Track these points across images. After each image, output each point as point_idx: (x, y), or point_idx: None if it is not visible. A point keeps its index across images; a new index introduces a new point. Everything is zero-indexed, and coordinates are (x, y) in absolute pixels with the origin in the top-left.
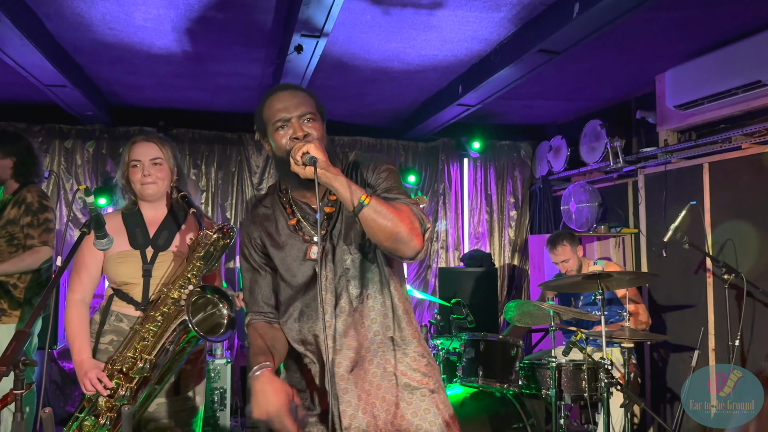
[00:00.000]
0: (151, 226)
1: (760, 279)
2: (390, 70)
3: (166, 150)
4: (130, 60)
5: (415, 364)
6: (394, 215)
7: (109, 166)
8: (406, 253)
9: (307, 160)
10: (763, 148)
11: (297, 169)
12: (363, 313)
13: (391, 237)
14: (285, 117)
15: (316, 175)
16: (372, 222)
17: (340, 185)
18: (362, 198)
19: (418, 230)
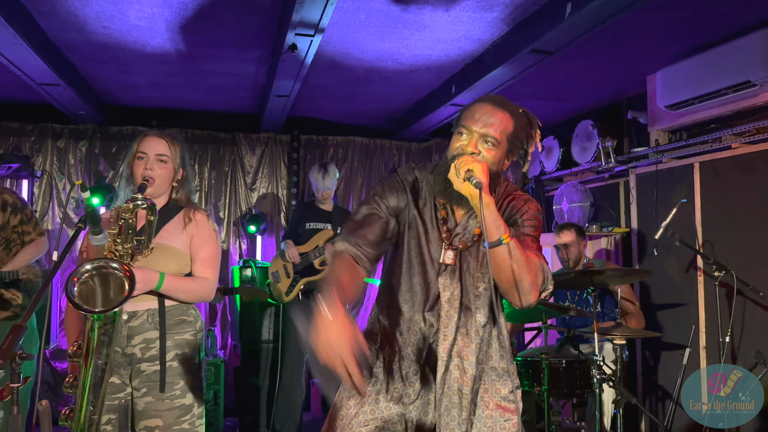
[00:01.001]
0: (140, 221)
1: (750, 277)
2: (383, 69)
3: (174, 149)
4: (123, 59)
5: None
6: (525, 264)
7: (102, 166)
8: (517, 303)
9: (468, 177)
10: (752, 147)
11: (453, 178)
12: (484, 339)
13: (513, 283)
14: (471, 128)
15: (480, 200)
16: (502, 262)
17: (488, 215)
18: (504, 236)
19: (539, 286)
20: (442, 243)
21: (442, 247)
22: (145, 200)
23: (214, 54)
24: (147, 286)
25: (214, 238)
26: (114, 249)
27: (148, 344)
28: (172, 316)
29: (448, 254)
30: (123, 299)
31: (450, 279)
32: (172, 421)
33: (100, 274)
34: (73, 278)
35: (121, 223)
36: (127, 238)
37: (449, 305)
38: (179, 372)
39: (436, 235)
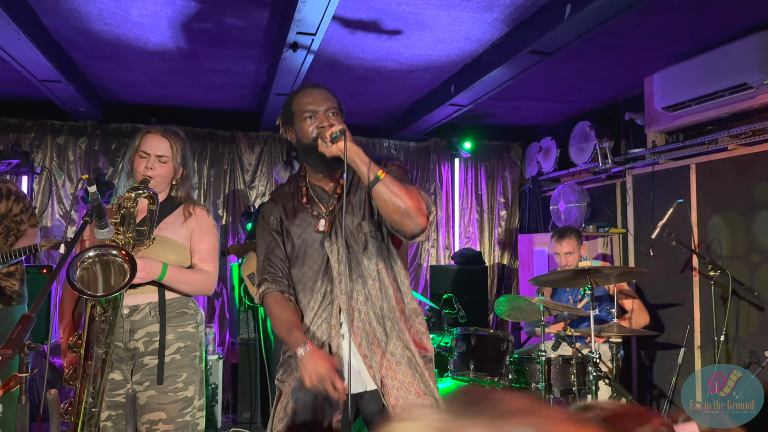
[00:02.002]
0: (140, 215)
1: (745, 277)
2: (383, 69)
3: (176, 148)
4: (124, 56)
5: (421, 335)
6: (404, 192)
7: (101, 163)
8: (411, 229)
9: (336, 133)
10: (748, 149)
11: (323, 149)
12: (377, 285)
13: (399, 211)
14: (313, 109)
15: (345, 143)
16: (385, 195)
17: (361, 160)
18: (379, 173)
19: (424, 210)
20: (314, 218)
21: (314, 222)
22: (146, 189)
23: (214, 52)
24: (150, 275)
25: (213, 232)
26: (116, 238)
27: (151, 338)
28: (173, 308)
29: (321, 223)
30: (124, 284)
31: (334, 242)
32: (175, 414)
33: (101, 261)
34: (76, 263)
35: (122, 212)
36: (128, 228)
37: (338, 263)
38: (182, 364)
39: (308, 218)
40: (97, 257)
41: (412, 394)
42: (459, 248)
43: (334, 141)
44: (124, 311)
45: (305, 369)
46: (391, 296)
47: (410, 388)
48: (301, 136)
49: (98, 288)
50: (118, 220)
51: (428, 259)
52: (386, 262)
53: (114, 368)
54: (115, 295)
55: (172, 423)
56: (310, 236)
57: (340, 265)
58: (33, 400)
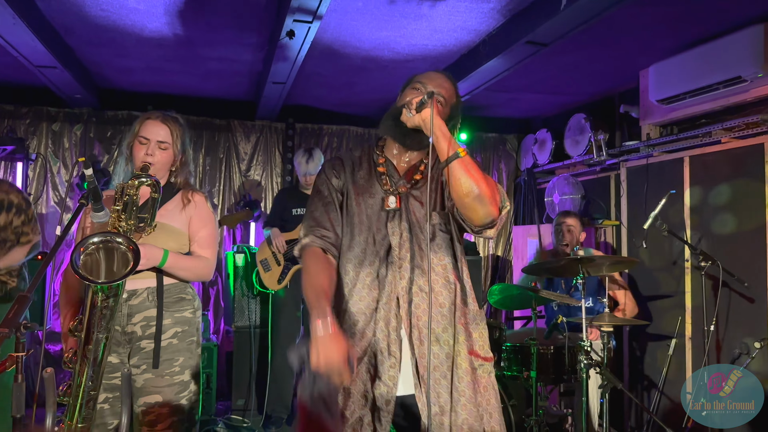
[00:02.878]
0: (141, 200)
1: (736, 268)
2: (380, 58)
3: (176, 134)
4: (121, 42)
5: (482, 341)
6: (482, 177)
7: (97, 150)
8: (481, 217)
9: (423, 99)
10: (741, 142)
11: (405, 118)
12: (440, 282)
13: (472, 194)
14: (425, 83)
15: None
16: (461, 175)
17: (442, 133)
18: (459, 150)
19: (497, 201)
20: (384, 192)
21: (383, 197)
22: (149, 177)
23: (211, 39)
24: (151, 261)
25: (212, 219)
26: (118, 225)
27: (149, 322)
28: (171, 294)
29: (391, 199)
30: (127, 272)
31: (398, 223)
32: (171, 397)
33: (105, 247)
34: (79, 248)
35: (125, 199)
36: (130, 215)
37: (400, 247)
38: (178, 349)
39: (377, 189)
40: (102, 243)
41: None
42: None
43: (419, 109)
44: (123, 295)
45: (316, 349)
46: (456, 295)
47: (458, 399)
48: (398, 100)
49: (100, 274)
50: (121, 207)
51: None
52: (452, 258)
53: (111, 351)
54: (118, 282)
55: (168, 406)
56: (375, 209)
57: (401, 249)
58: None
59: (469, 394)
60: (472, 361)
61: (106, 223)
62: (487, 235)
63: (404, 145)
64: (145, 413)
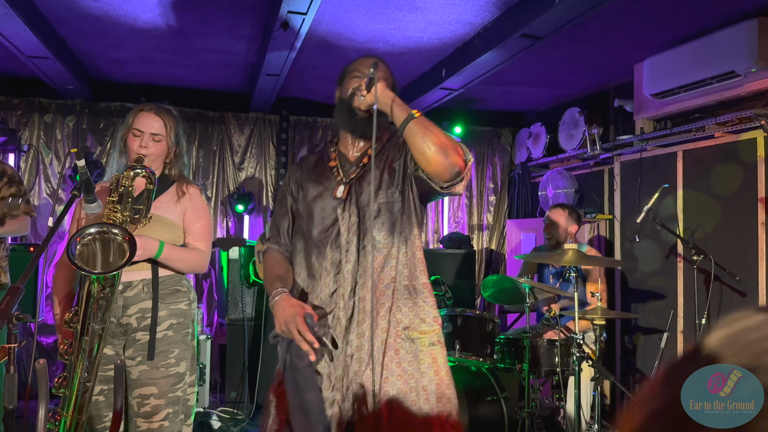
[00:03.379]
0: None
1: (727, 262)
2: (374, 51)
3: (169, 126)
4: (113, 33)
5: (423, 314)
6: (440, 131)
7: (89, 142)
8: (447, 169)
9: (369, 75)
10: (734, 137)
11: (358, 103)
12: (377, 257)
13: (434, 146)
14: (363, 71)
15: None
16: (419, 130)
17: (395, 102)
18: (413, 112)
19: (460, 151)
20: (335, 183)
21: (334, 187)
22: (144, 168)
23: (204, 30)
24: (147, 253)
25: (206, 211)
26: (113, 216)
27: (144, 314)
28: (166, 286)
29: (339, 189)
30: (123, 263)
31: (347, 209)
32: (167, 389)
33: (102, 238)
34: (76, 238)
35: (121, 190)
36: (126, 206)
37: (348, 231)
38: (174, 341)
39: (330, 181)
40: (98, 234)
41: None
42: (448, 232)
43: (369, 87)
44: (118, 287)
45: (275, 315)
46: (400, 271)
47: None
48: (342, 93)
49: (96, 265)
50: (116, 198)
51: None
52: (399, 236)
53: (106, 343)
54: (114, 273)
55: (163, 398)
56: (327, 200)
57: (349, 233)
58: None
59: (405, 366)
60: (410, 333)
61: (99, 215)
62: (456, 191)
63: (362, 134)
64: (140, 405)
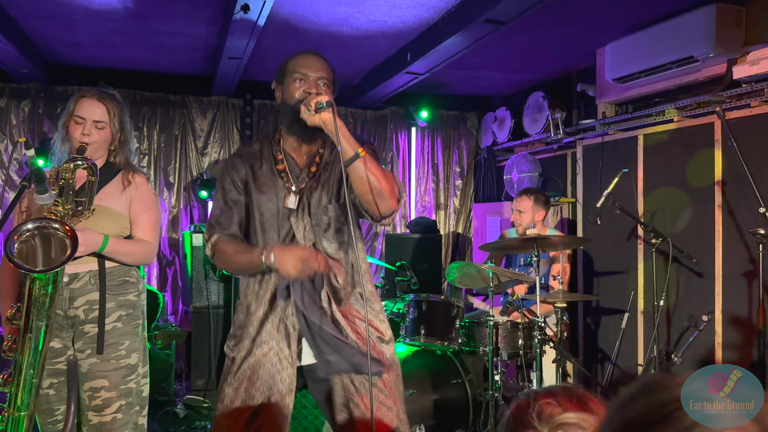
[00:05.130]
0: (79, 182)
1: (685, 244)
2: (339, 34)
3: (113, 113)
4: (68, 15)
5: (378, 319)
6: (381, 173)
7: (46, 127)
8: (382, 211)
9: (322, 104)
10: (692, 121)
11: (305, 116)
12: (335, 265)
13: (374, 190)
14: (305, 73)
15: (335, 116)
16: (362, 173)
17: (343, 135)
18: (359, 150)
19: (396, 194)
20: (286, 190)
21: (285, 195)
22: (85, 160)
23: (163, 12)
24: (90, 247)
25: (154, 200)
26: (54, 210)
27: (92, 306)
28: (114, 277)
29: (290, 198)
30: (65, 259)
31: (300, 218)
32: (118, 381)
33: (41, 234)
34: (13, 236)
35: (61, 183)
36: (67, 199)
37: (304, 239)
38: (124, 332)
39: (279, 186)
40: (37, 230)
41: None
42: (415, 217)
43: (318, 111)
44: (64, 279)
45: (284, 261)
46: (347, 280)
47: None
48: (287, 96)
49: (37, 262)
50: (57, 192)
51: (384, 228)
52: (345, 245)
53: (53, 336)
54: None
55: (114, 390)
56: (279, 205)
57: (305, 242)
58: None
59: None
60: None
61: (40, 209)
62: (385, 224)
63: (305, 141)
64: (92, 398)
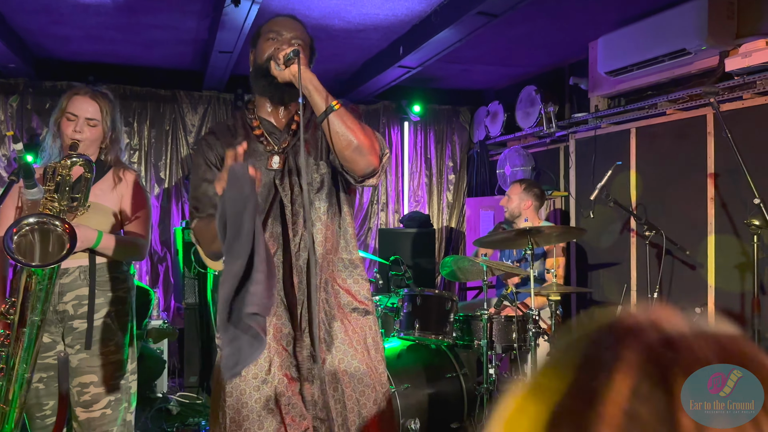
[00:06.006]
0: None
1: (678, 237)
2: (330, 28)
3: (105, 111)
4: (56, 9)
5: (357, 286)
6: (358, 127)
7: (35, 123)
8: (363, 168)
9: (290, 54)
10: (685, 114)
11: (275, 72)
12: (320, 229)
13: (351, 146)
14: (278, 31)
15: (299, 65)
16: (337, 127)
17: (314, 87)
18: (333, 103)
19: (377, 150)
20: (268, 154)
21: (266, 158)
22: (81, 156)
23: (152, 6)
24: (85, 243)
25: (145, 197)
26: (50, 206)
27: (81, 301)
28: (103, 273)
29: (274, 159)
30: (63, 255)
31: (285, 180)
32: (107, 377)
33: (41, 229)
34: (12, 230)
35: (57, 179)
36: (63, 195)
37: (293, 203)
38: (113, 328)
39: (260, 151)
40: (37, 225)
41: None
42: (408, 211)
43: (287, 63)
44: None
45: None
46: (334, 243)
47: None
48: (258, 56)
49: (35, 256)
50: (53, 188)
51: (377, 223)
52: (335, 207)
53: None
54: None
55: (103, 386)
56: (261, 171)
57: (294, 205)
58: None
59: (342, 336)
60: (345, 304)
61: (37, 203)
62: (369, 184)
63: (281, 101)
64: (81, 393)
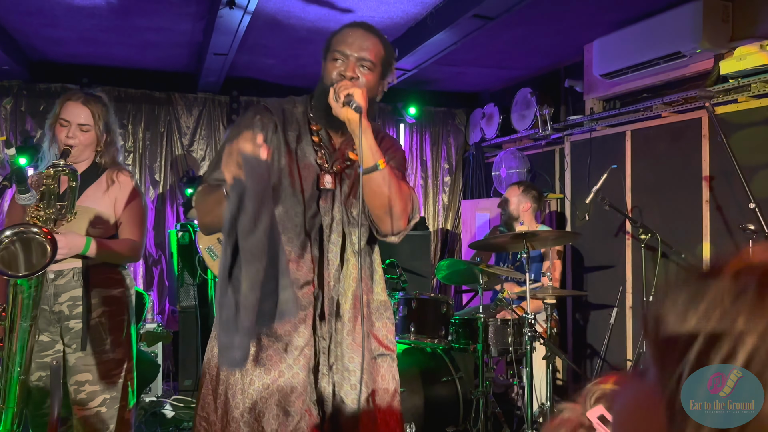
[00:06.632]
0: (63, 184)
1: (674, 240)
2: (326, 30)
3: (97, 115)
4: (49, 11)
5: (385, 330)
6: (397, 191)
7: (29, 125)
8: (388, 229)
9: (347, 101)
10: (680, 116)
11: (332, 103)
12: (355, 265)
13: (385, 208)
14: (345, 52)
15: (360, 124)
16: (377, 188)
17: (366, 140)
18: (380, 161)
19: (408, 214)
20: (319, 168)
21: (318, 173)
22: (66, 166)
23: (147, 8)
24: (72, 250)
25: (139, 199)
26: (37, 215)
27: (75, 301)
28: (98, 274)
29: (327, 178)
30: (45, 264)
31: (330, 203)
32: (103, 375)
33: (21, 239)
34: None
35: (42, 189)
36: (49, 204)
37: (331, 231)
38: (108, 328)
39: (312, 160)
40: (15, 236)
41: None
42: None
43: (346, 105)
44: (49, 276)
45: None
46: (367, 282)
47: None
48: (324, 75)
49: (20, 266)
50: (39, 197)
51: None
52: (369, 246)
53: (42, 331)
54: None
55: (99, 384)
56: (309, 182)
57: (333, 233)
58: None
59: (366, 380)
60: (373, 350)
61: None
62: (390, 241)
63: (329, 126)
64: (77, 392)
